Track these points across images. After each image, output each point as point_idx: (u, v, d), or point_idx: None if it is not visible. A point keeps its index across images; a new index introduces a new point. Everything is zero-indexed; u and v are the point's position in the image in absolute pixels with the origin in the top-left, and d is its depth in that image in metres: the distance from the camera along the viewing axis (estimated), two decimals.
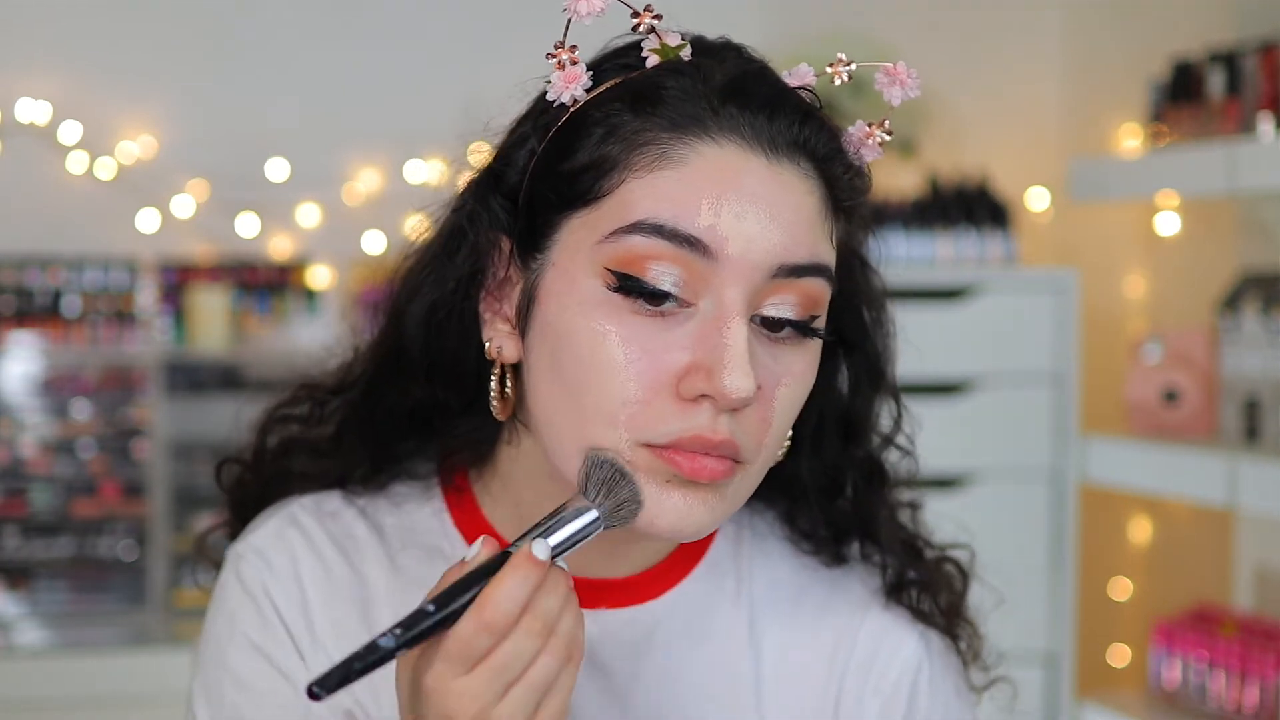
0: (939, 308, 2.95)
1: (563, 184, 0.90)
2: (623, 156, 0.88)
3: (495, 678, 0.80)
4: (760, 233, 0.86)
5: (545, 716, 0.81)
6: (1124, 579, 3.44)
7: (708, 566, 1.04)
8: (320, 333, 3.30)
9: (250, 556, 1.03)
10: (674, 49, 0.91)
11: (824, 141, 0.90)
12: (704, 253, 0.86)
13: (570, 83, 0.91)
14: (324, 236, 3.38)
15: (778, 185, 0.87)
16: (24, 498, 3.20)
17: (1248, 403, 2.76)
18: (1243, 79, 2.71)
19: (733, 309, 0.86)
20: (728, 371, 0.85)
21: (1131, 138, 3.28)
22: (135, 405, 3.23)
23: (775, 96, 0.89)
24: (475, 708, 0.80)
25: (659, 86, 0.89)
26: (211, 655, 1.01)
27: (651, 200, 0.86)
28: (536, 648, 0.81)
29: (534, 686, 0.81)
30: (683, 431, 0.86)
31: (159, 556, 3.19)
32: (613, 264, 0.87)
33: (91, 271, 3.24)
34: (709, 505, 0.88)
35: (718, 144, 0.87)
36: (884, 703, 1.03)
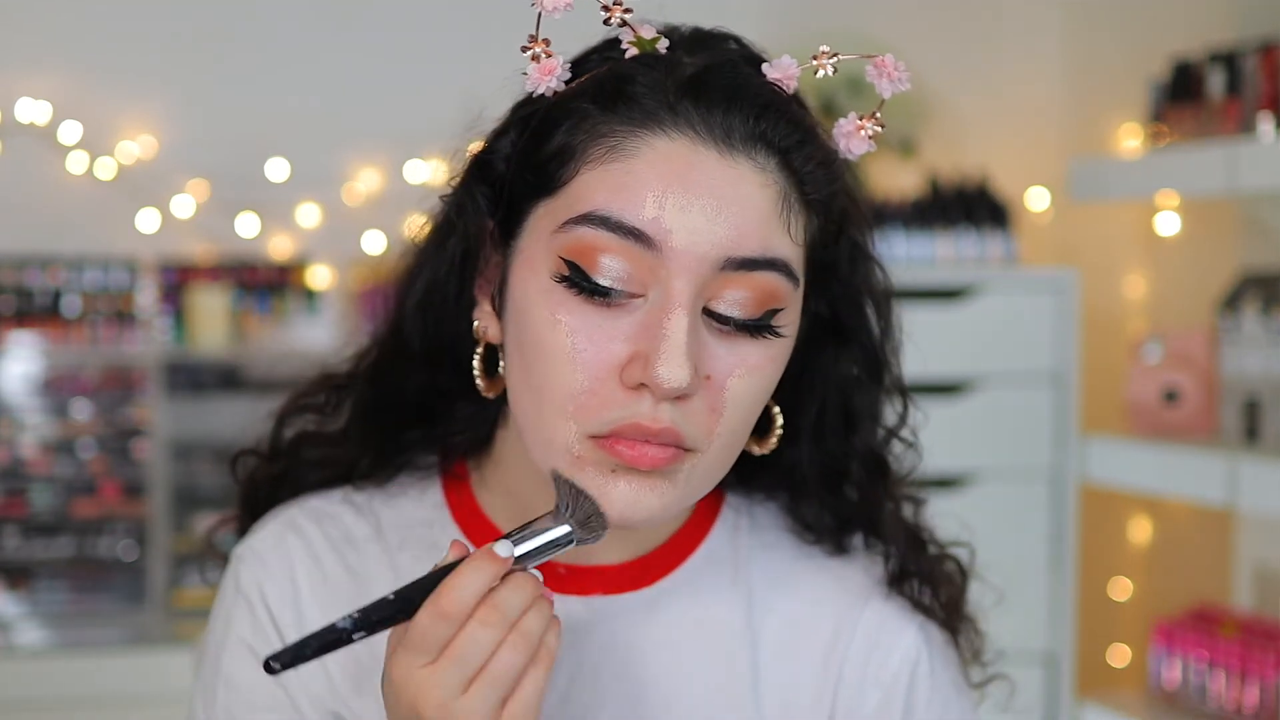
0: (939, 308, 2.95)
1: (533, 172, 0.92)
2: (580, 147, 0.89)
3: (455, 668, 0.80)
4: (705, 225, 0.87)
5: (511, 714, 0.82)
6: (1124, 579, 3.44)
7: (704, 555, 1.04)
8: (320, 333, 3.30)
9: (249, 558, 1.04)
10: (650, 42, 0.92)
11: (785, 134, 0.90)
12: (649, 245, 0.87)
13: (546, 74, 0.93)
14: (324, 236, 3.38)
15: (728, 179, 0.88)
16: (24, 498, 3.20)
17: (1248, 403, 2.76)
18: (1243, 79, 2.71)
19: (676, 300, 0.87)
20: (661, 361, 0.86)
21: (1131, 138, 3.28)
22: (135, 405, 3.23)
23: (734, 90, 0.90)
24: (437, 698, 0.80)
25: (626, 80, 0.90)
26: (209, 657, 1.03)
27: (602, 192, 0.88)
28: (495, 638, 0.81)
29: (496, 679, 0.81)
30: (623, 419, 0.88)
31: (159, 556, 3.19)
32: (566, 253, 0.89)
33: (91, 271, 3.24)
34: (658, 492, 0.90)
35: (669, 137, 0.88)
36: (884, 693, 1.03)
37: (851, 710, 1.03)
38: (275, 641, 1.01)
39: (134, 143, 3.29)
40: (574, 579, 1.01)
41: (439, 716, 0.81)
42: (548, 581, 1.01)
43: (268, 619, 1.01)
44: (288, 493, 1.09)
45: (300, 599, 1.02)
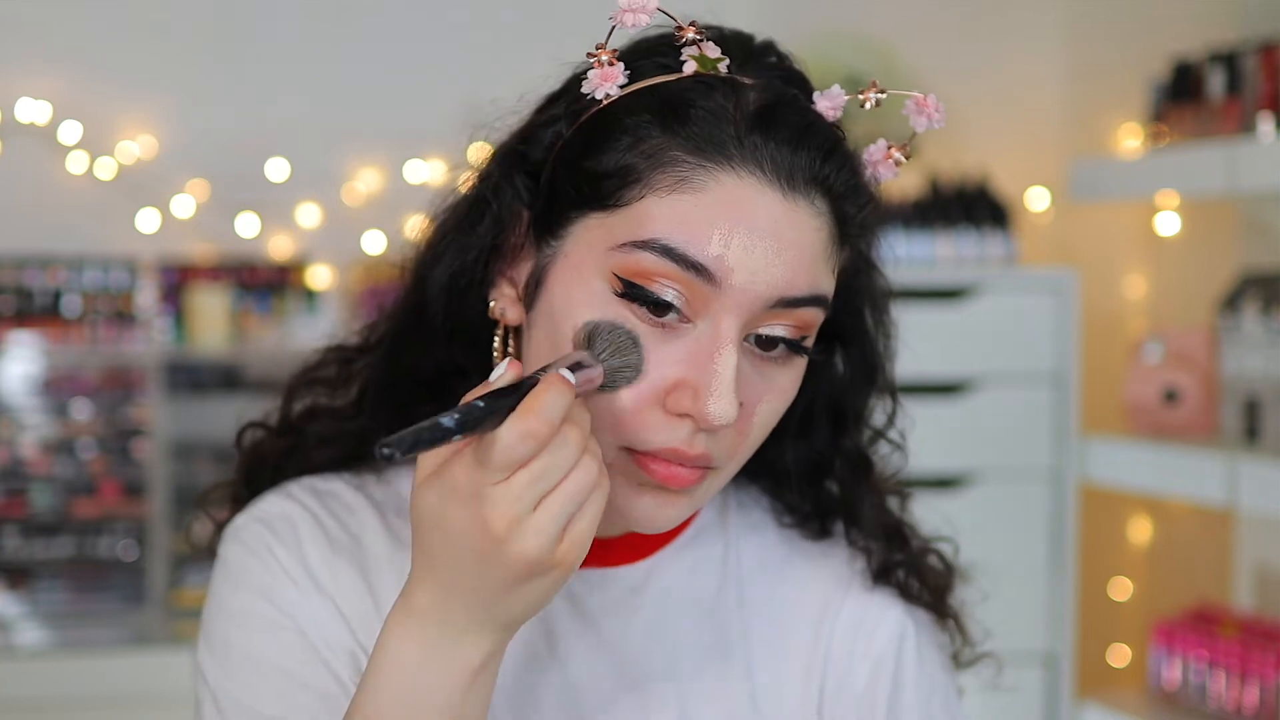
0: (939, 308, 2.95)
1: (585, 182, 0.92)
2: (645, 172, 0.90)
3: (532, 484, 0.81)
4: (764, 266, 0.89)
5: (575, 534, 0.82)
6: (1124, 579, 3.44)
7: (694, 532, 1.07)
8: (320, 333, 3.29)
9: (251, 525, 1.04)
10: (713, 61, 0.93)
11: (843, 180, 0.93)
12: (709, 279, 0.89)
13: (607, 81, 0.93)
14: (324, 236, 3.38)
15: (789, 221, 0.90)
16: (24, 498, 3.20)
17: (1248, 403, 2.76)
18: (1243, 79, 2.71)
19: (728, 336, 0.89)
20: (714, 398, 0.89)
21: (1131, 138, 3.28)
22: (135, 405, 3.23)
23: (801, 130, 0.91)
24: (511, 514, 0.80)
25: (690, 104, 0.91)
26: (215, 609, 1.02)
27: (667, 222, 0.89)
28: (574, 459, 0.82)
29: (569, 497, 0.82)
30: (663, 444, 0.90)
31: (159, 556, 3.19)
32: (622, 272, 0.90)
33: (91, 271, 3.24)
34: (676, 506, 0.93)
35: (737, 174, 0.89)
36: (872, 668, 1.05)
37: (841, 686, 1.05)
38: (285, 583, 1.00)
39: (134, 143, 3.29)
40: None
41: (509, 532, 0.80)
42: None
43: (279, 568, 1.01)
44: (293, 468, 1.09)
45: (308, 560, 1.02)
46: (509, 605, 0.83)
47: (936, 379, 2.92)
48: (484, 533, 0.81)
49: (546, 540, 0.81)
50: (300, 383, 1.12)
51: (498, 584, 0.82)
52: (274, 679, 0.98)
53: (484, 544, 0.81)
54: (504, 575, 0.82)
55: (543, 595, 0.83)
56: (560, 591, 1.01)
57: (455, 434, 0.79)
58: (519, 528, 0.80)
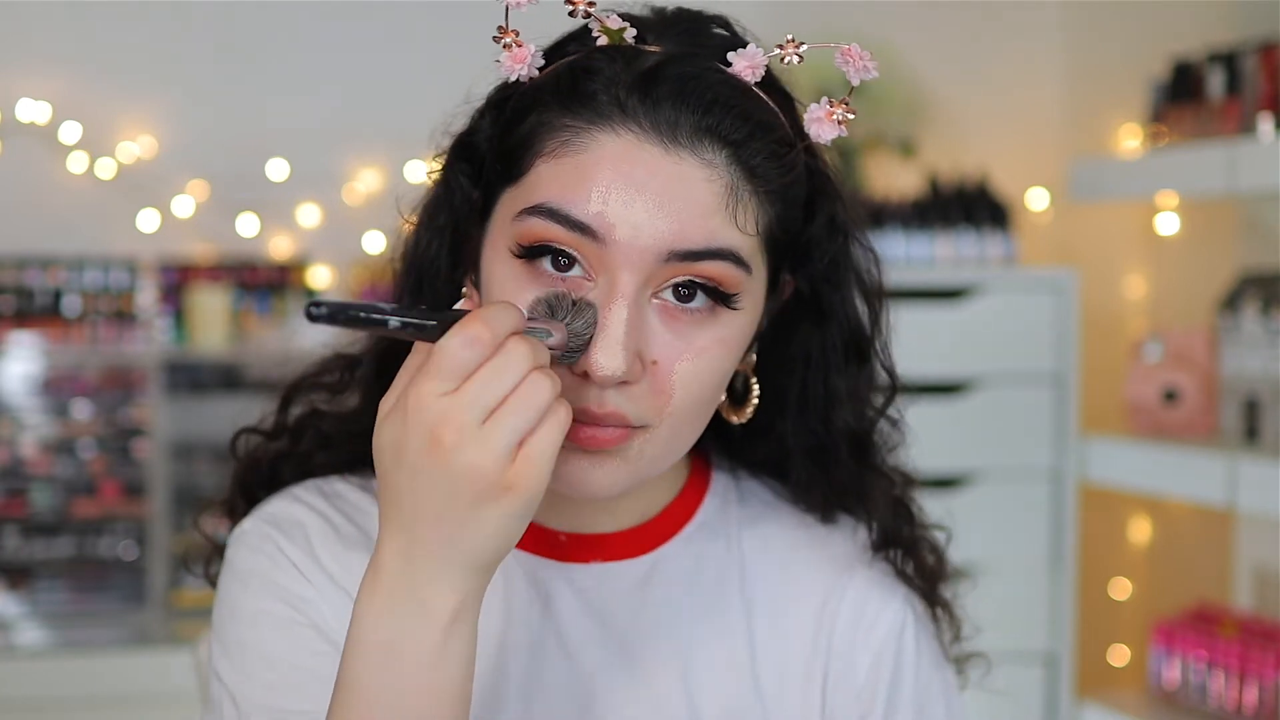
0: (939, 308, 2.95)
1: (501, 160, 0.95)
2: (538, 140, 0.93)
3: (481, 393, 0.80)
4: (647, 220, 0.89)
5: (529, 452, 0.82)
6: (1124, 579, 3.44)
7: (697, 525, 1.08)
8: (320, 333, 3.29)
9: (259, 526, 1.04)
10: (617, 32, 0.95)
11: (733, 128, 0.91)
12: (593, 237, 0.90)
13: (518, 62, 0.95)
14: (324, 236, 3.38)
15: (672, 174, 0.90)
16: (24, 498, 3.20)
17: (1248, 403, 2.76)
18: (1243, 79, 2.71)
19: (619, 291, 0.90)
20: (598, 350, 0.89)
21: (1131, 138, 3.28)
22: (135, 405, 3.23)
23: (684, 85, 0.91)
24: (458, 422, 0.80)
25: (583, 74, 0.93)
26: (227, 613, 1.02)
27: (552, 184, 0.91)
28: (522, 369, 0.81)
29: (519, 410, 0.81)
30: (573, 404, 0.89)
31: (159, 556, 3.19)
32: (523, 240, 0.92)
33: (91, 271, 3.24)
34: (607, 469, 0.93)
35: (616, 134, 0.90)
36: (873, 658, 1.06)
37: (843, 676, 1.06)
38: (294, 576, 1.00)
39: (134, 143, 3.29)
40: (575, 547, 1.04)
41: (458, 442, 0.80)
42: (547, 550, 1.04)
43: (289, 564, 1.01)
44: (291, 471, 1.10)
45: (319, 556, 1.02)
46: (471, 537, 0.82)
47: (936, 379, 2.92)
48: (435, 447, 0.80)
49: (496, 454, 0.80)
50: (299, 388, 1.12)
51: (454, 506, 0.81)
52: (291, 676, 0.98)
53: (436, 461, 0.80)
54: (458, 496, 0.80)
55: (504, 525, 0.82)
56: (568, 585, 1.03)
57: (390, 322, 0.81)
58: (467, 438, 0.80)
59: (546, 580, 1.03)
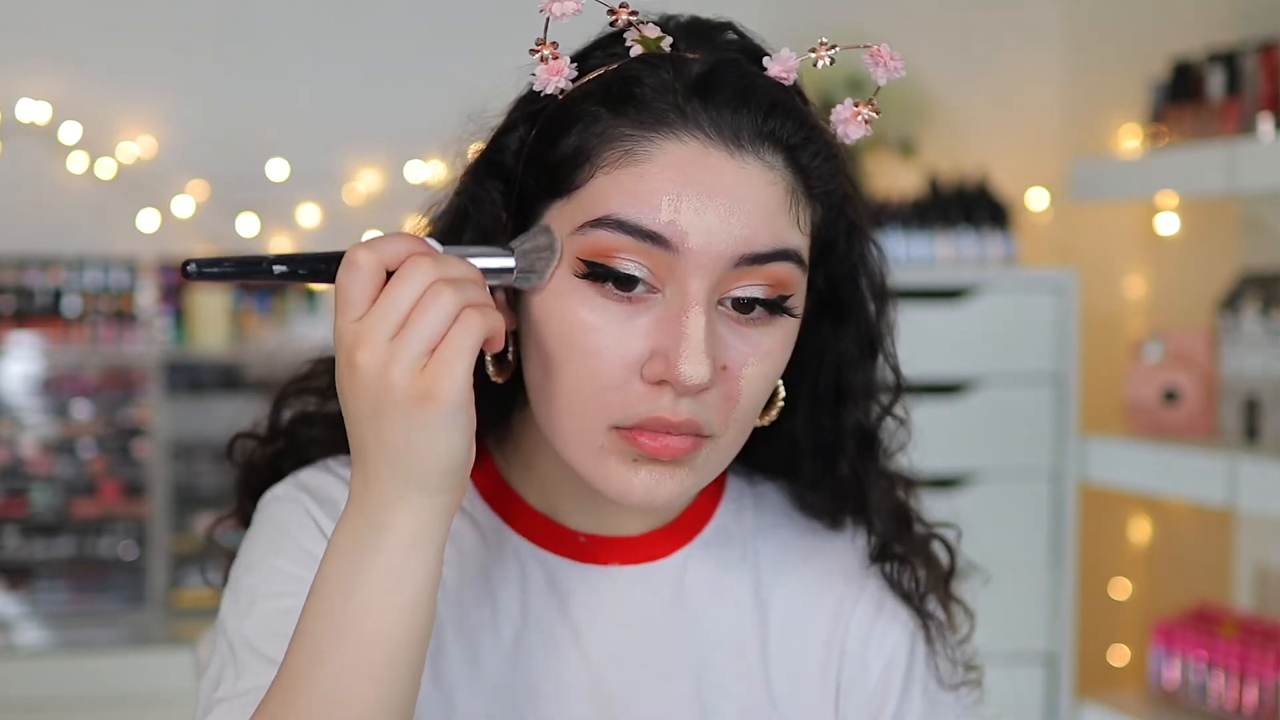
0: (939, 308, 2.95)
1: (544, 174, 0.95)
2: (594, 151, 0.92)
3: (382, 315, 0.83)
4: (720, 225, 0.90)
5: (439, 359, 0.83)
6: (1124, 579, 3.44)
7: (713, 531, 1.08)
8: (320, 333, 3.30)
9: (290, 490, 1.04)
10: (654, 41, 0.95)
11: (792, 131, 0.93)
12: (666, 246, 0.90)
13: (554, 75, 0.95)
14: (324, 236, 3.38)
15: (739, 179, 0.91)
16: (24, 498, 3.20)
17: (1248, 403, 2.76)
18: (1243, 79, 2.71)
19: (693, 298, 0.90)
20: (684, 359, 0.89)
21: (1131, 138, 3.28)
22: (135, 405, 3.23)
23: (742, 90, 0.92)
24: (369, 342, 0.83)
25: (633, 82, 0.92)
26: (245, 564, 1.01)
27: (617, 196, 0.91)
28: (421, 285, 0.83)
29: (422, 322, 0.83)
30: (647, 414, 0.91)
31: (159, 556, 3.19)
32: (584, 254, 0.91)
33: (91, 271, 3.24)
34: (676, 479, 0.93)
35: (680, 140, 0.91)
36: (885, 662, 1.07)
37: (855, 679, 1.06)
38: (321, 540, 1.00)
39: (134, 143, 3.29)
40: (593, 549, 1.04)
41: (372, 362, 0.83)
42: (566, 551, 1.04)
43: (313, 526, 1.01)
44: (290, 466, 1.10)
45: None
46: (408, 451, 0.83)
47: (936, 379, 2.92)
48: (353, 370, 0.83)
49: (404, 364, 0.82)
50: (289, 393, 1.12)
51: (385, 426, 0.83)
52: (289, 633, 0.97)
53: (356, 383, 0.83)
54: (383, 412, 0.83)
55: (436, 436, 0.83)
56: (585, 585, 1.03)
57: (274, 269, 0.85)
58: (378, 355, 0.82)
59: (564, 580, 1.03)
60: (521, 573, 1.03)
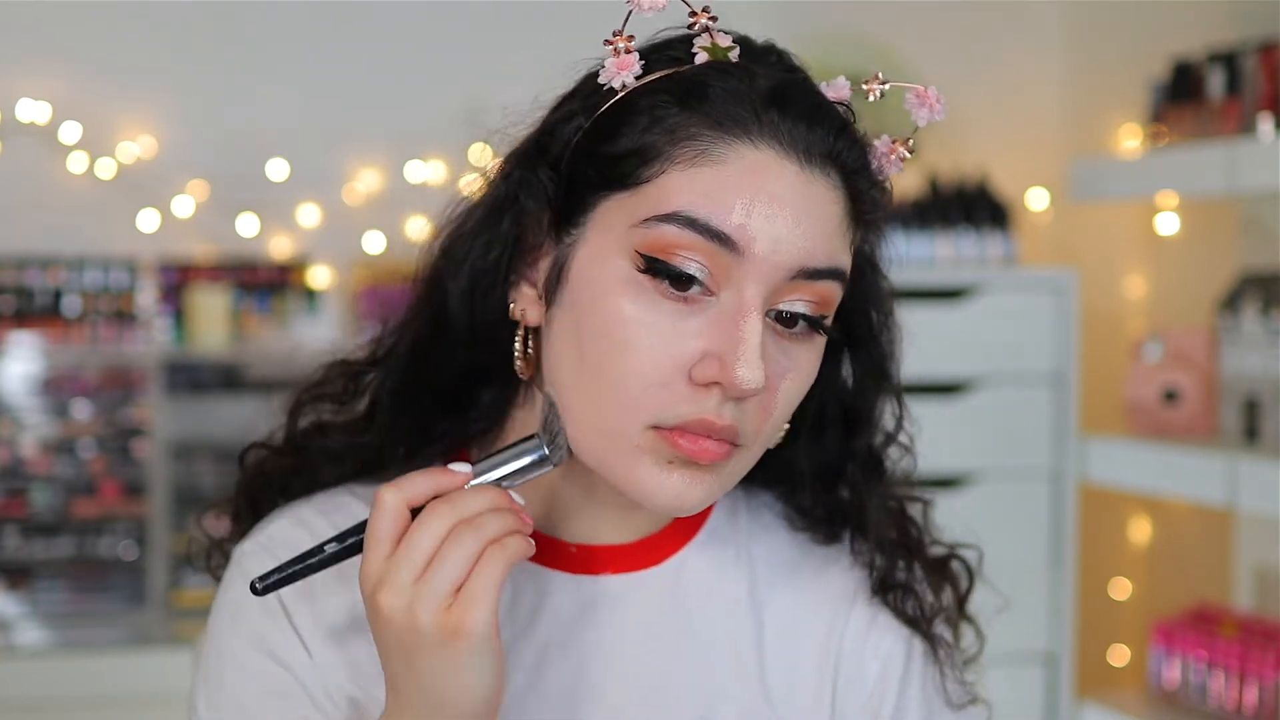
0: (939, 308, 2.95)
1: (604, 165, 0.94)
2: (665, 148, 0.92)
3: (408, 555, 0.87)
4: (787, 235, 0.91)
5: (466, 595, 0.86)
6: (1124, 579, 3.44)
7: (707, 535, 1.07)
8: (320, 333, 3.30)
9: (258, 554, 1.03)
10: (724, 49, 0.95)
11: (854, 156, 0.94)
12: (732, 249, 0.90)
13: (623, 69, 0.95)
14: (324, 236, 3.38)
15: (807, 193, 0.92)
16: (24, 498, 3.20)
17: (1248, 403, 2.76)
18: (1243, 79, 2.71)
19: (752, 304, 0.91)
20: (741, 363, 0.89)
21: (1131, 138, 3.28)
22: (135, 405, 3.23)
23: (815, 108, 0.94)
24: (395, 583, 0.87)
25: (706, 84, 0.93)
26: (213, 646, 1.01)
27: (689, 194, 0.91)
28: (445, 527, 0.87)
29: (446, 564, 0.86)
30: (691, 414, 0.91)
31: (159, 556, 3.19)
32: (644, 248, 0.91)
33: (91, 271, 3.24)
34: (705, 484, 0.94)
35: (756, 147, 0.91)
36: (882, 665, 1.06)
37: (852, 681, 1.06)
38: (287, 631, 1.00)
39: (134, 143, 3.29)
40: (585, 559, 1.04)
41: (398, 603, 0.86)
42: (557, 562, 1.03)
43: (280, 610, 1.00)
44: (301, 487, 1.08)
45: (316, 596, 1.01)
46: (439, 686, 0.87)
47: (936, 379, 2.92)
48: (379, 613, 0.87)
49: (431, 605, 0.86)
50: (305, 399, 1.10)
51: (414, 664, 0.87)
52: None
53: (383, 626, 0.88)
54: (412, 651, 0.87)
55: (469, 669, 0.87)
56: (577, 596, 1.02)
57: (327, 549, 0.91)
58: (403, 597, 0.86)
59: (556, 593, 1.03)
60: (513, 587, 1.02)
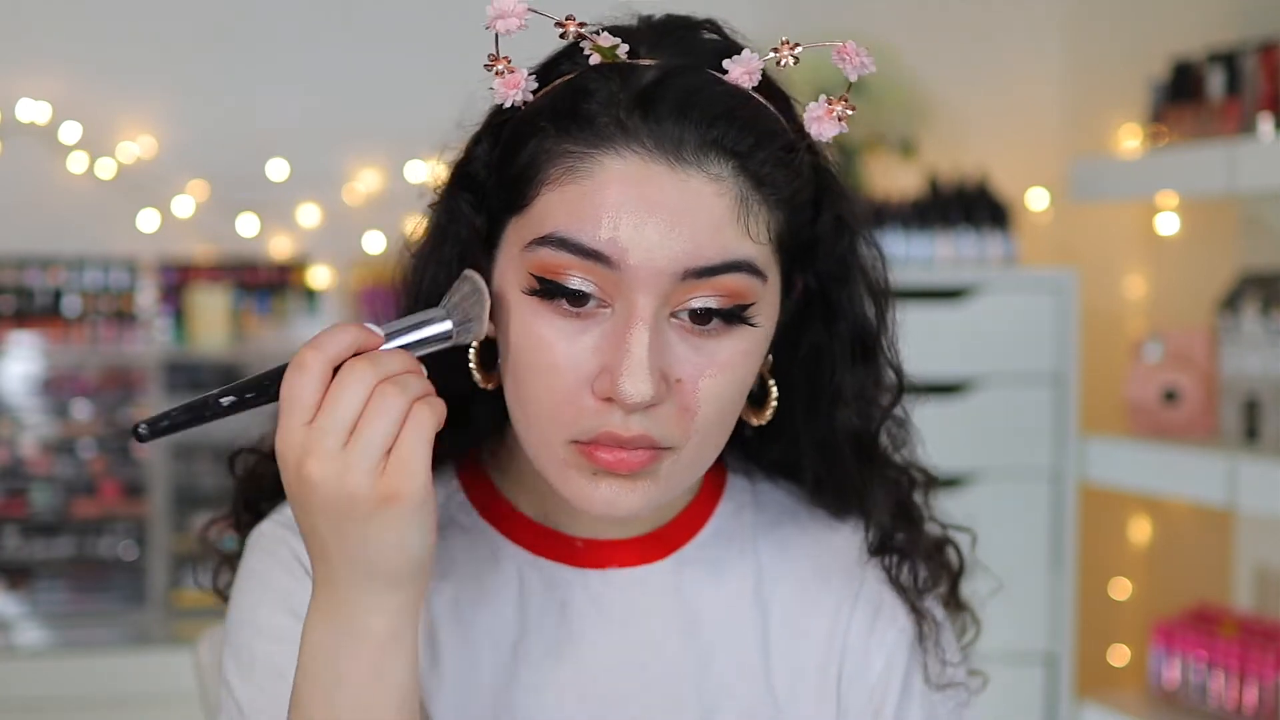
0: (939, 308, 2.95)
1: (504, 188, 0.95)
2: (542, 168, 0.92)
3: (332, 419, 0.83)
4: (660, 241, 0.89)
5: (398, 460, 0.84)
6: (1124, 579, 3.44)
7: (713, 531, 1.07)
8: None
9: (276, 530, 1.04)
10: (610, 50, 0.94)
11: (737, 139, 0.91)
12: (607, 264, 0.90)
13: (511, 89, 0.95)
14: (324, 236, 3.38)
15: (683, 191, 0.90)
16: (24, 498, 3.20)
17: (1248, 403, 2.76)
18: (1243, 79, 2.71)
19: (638, 315, 0.90)
20: (624, 377, 0.89)
21: (1131, 138, 3.28)
22: (135, 405, 3.23)
23: (685, 100, 0.91)
24: (322, 450, 0.83)
25: (580, 96, 0.92)
26: (240, 619, 1.01)
27: (561, 214, 0.91)
28: (366, 386, 0.84)
29: (375, 425, 0.84)
30: (598, 428, 0.91)
31: (159, 556, 3.19)
32: (534, 269, 0.92)
33: (91, 271, 3.24)
34: (639, 490, 0.93)
35: (621, 156, 0.90)
36: (887, 657, 1.06)
37: (857, 672, 1.06)
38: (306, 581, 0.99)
39: (134, 143, 3.29)
40: (590, 553, 1.04)
41: (327, 470, 0.84)
42: (563, 557, 1.04)
43: (304, 574, 1.00)
44: None
45: None
46: (373, 552, 0.85)
47: (936, 379, 2.92)
48: (309, 483, 0.84)
49: (361, 471, 0.83)
50: None
51: (345, 531, 0.84)
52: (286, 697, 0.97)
53: (313, 495, 0.84)
54: (343, 519, 0.84)
55: (401, 533, 0.84)
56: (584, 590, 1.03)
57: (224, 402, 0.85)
58: (332, 465, 0.83)
59: (562, 586, 1.03)
60: (519, 582, 1.03)
